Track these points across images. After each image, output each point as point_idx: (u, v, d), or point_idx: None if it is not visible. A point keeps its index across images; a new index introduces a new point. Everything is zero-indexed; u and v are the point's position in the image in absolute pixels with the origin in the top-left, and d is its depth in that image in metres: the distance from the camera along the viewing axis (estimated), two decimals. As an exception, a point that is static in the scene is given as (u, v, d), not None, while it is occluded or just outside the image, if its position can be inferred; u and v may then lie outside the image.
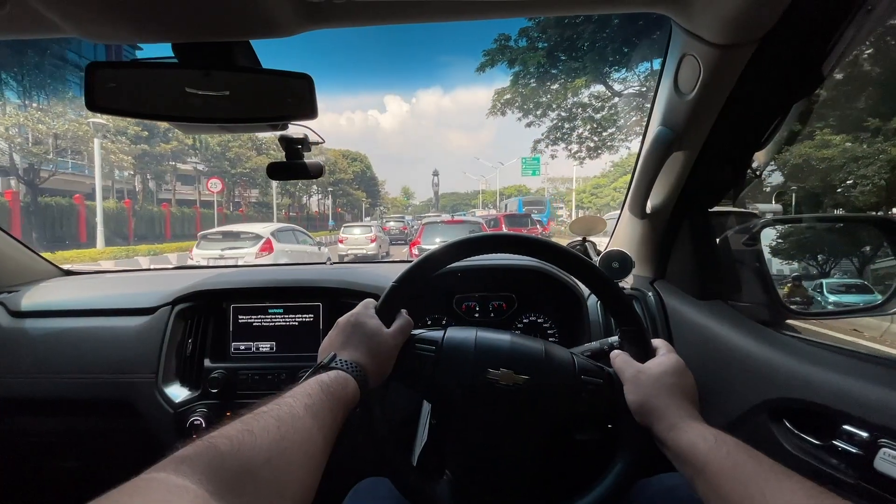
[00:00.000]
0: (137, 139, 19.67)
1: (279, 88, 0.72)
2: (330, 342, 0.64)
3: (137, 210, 19.58)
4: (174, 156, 22.99)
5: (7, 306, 1.21)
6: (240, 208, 29.59)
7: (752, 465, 0.47)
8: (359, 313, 0.65)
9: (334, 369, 0.56)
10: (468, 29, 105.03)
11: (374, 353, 0.61)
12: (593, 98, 16.88)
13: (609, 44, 13.88)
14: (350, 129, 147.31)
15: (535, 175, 38.36)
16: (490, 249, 0.73)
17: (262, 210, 29.37)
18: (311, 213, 37.23)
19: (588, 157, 18.01)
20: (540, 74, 15.78)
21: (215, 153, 24.98)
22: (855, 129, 4.72)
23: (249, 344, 1.11)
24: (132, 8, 0.62)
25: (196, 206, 24.59)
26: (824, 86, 0.74)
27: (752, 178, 0.89)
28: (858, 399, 0.60)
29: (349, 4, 0.66)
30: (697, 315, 0.93)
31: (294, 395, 0.49)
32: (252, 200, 30.82)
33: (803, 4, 0.62)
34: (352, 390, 0.55)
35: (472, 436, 0.66)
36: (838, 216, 1.59)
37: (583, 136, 17.73)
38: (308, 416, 0.47)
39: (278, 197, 30.81)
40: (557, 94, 16.80)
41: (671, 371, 0.62)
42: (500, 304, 1.19)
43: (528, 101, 17.58)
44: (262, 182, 27.14)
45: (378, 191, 56.09)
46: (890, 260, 1.40)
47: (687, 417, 0.56)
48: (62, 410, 1.16)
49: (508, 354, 0.67)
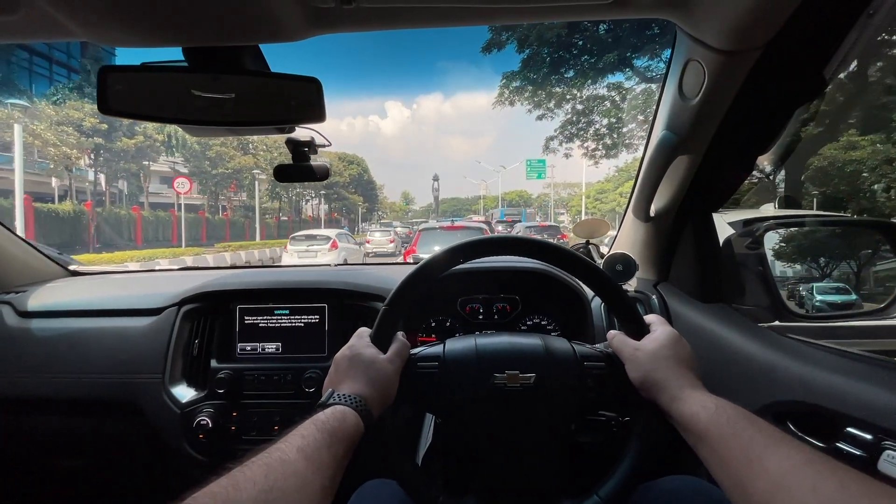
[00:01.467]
0: (93, 132, 17.20)
1: (288, 92, 0.73)
2: (329, 380, 0.64)
3: (101, 213, 17.51)
4: (141, 153, 20.29)
5: (14, 306, 1.22)
6: (224, 212, 28.05)
7: (751, 430, 0.48)
8: (353, 345, 0.65)
9: (332, 405, 0.56)
10: (470, 34, 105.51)
11: (373, 382, 0.61)
12: (613, 88, 14.89)
13: (631, 31, 12.16)
14: (351, 135, 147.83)
15: (540, 178, 37.73)
16: (481, 254, 0.71)
17: (249, 214, 27.78)
18: (304, 218, 35.78)
19: (606, 156, 16.56)
20: (553, 60, 13.69)
21: (194, 152, 23.05)
22: (886, 129, 4.53)
23: (255, 345, 1.12)
24: (144, 13, 0.63)
25: (173, 210, 22.08)
26: (849, 84, 0.75)
27: (765, 181, 0.89)
28: (862, 402, 0.60)
29: (357, 10, 0.67)
30: (701, 318, 0.93)
31: (287, 438, 0.48)
32: (237, 203, 29.40)
33: (806, 11, 0.63)
34: (351, 423, 0.54)
35: (485, 444, 0.66)
36: (840, 219, 1.59)
37: (601, 132, 15.89)
38: (301, 458, 0.46)
39: (269, 200, 29.39)
40: (574, 82, 14.46)
41: (667, 344, 0.63)
42: (504, 306, 1.20)
43: (539, 90, 15.03)
44: (249, 184, 25.75)
45: (376, 195, 54.86)
46: (891, 263, 1.41)
47: (687, 387, 0.57)
48: (68, 410, 1.17)
49: (510, 356, 0.67)
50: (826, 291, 1.37)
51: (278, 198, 30.92)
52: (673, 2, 0.69)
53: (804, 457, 0.43)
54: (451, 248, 0.69)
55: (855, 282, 1.42)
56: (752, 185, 2.14)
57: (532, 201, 66.91)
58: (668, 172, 0.94)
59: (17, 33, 0.73)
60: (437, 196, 59.22)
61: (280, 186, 27.37)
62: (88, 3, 0.60)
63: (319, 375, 1.04)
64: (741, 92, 0.75)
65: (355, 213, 42.90)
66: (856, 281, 1.40)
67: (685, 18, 0.72)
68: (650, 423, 0.63)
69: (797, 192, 4.74)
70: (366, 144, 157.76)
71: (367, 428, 0.56)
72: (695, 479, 0.70)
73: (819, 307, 1.35)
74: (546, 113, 15.59)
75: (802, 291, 1.39)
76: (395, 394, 0.63)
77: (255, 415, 1.06)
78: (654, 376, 0.60)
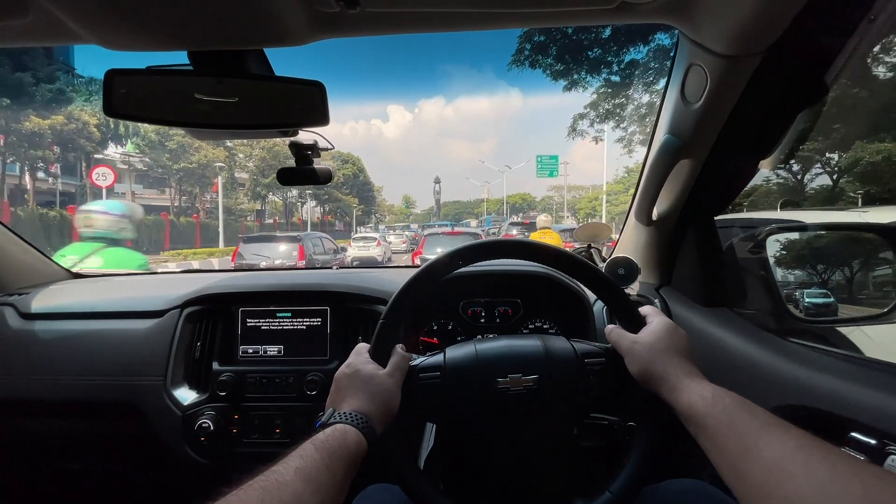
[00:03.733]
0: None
1: (292, 95, 0.73)
2: (330, 400, 0.63)
3: (21, 214, 14.58)
4: (69, 139, 15.74)
5: (17, 308, 1.22)
6: (193, 214, 24.17)
7: (748, 418, 0.48)
8: (351, 362, 0.65)
9: (333, 424, 0.56)
10: (472, 38, 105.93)
11: (374, 398, 0.60)
12: (662, 56, 11.33)
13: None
14: (353, 138, 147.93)
15: (552, 176, 34.95)
16: (477, 259, 0.71)
17: (229, 217, 23.63)
18: (294, 221, 32.68)
19: (644, 143, 13.54)
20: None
21: (150, 142, 19.04)
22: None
23: (257, 347, 1.12)
24: (151, 17, 0.63)
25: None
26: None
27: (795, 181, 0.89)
28: (866, 406, 0.60)
29: (361, 15, 0.68)
30: (703, 322, 0.93)
31: (285, 460, 0.48)
32: (211, 206, 25.32)
33: (808, 16, 0.63)
34: (353, 441, 0.54)
35: (490, 449, 0.66)
36: (843, 224, 1.59)
37: (642, 110, 12.71)
38: (299, 480, 0.45)
39: (249, 201, 26.42)
40: (611, 45, 11.38)
41: (663, 335, 0.63)
42: (506, 309, 1.19)
43: (566, 53, 11.86)
44: (227, 182, 22.47)
45: (373, 197, 51.26)
46: (892, 266, 1.41)
47: (685, 377, 0.57)
48: (70, 412, 1.17)
49: (511, 359, 0.67)
50: (813, 295, 1.48)
51: (259, 198, 28.17)
52: (675, 7, 0.69)
53: (797, 442, 0.43)
54: (450, 254, 0.69)
55: (859, 285, 1.43)
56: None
57: (536, 204, 65.85)
58: (670, 176, 0.94)
59: (26, 37, 0.74)
60: (439, 199, 59.12)
61: (261, 186, 25.65)
62: (96, 8, 0.61)
63: (321, 378, 1.04)
64: (743, 96, 0.76)
65: (351, 215, 39.89)
66: (862, 284, 1.42)
67: (687, 23, 0.73)
68: (654, 416, 0.63)
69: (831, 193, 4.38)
70: (368, 148, 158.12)
71: (370, 444, 0.56)
72: (699, 481, 0.69)
73: (807, 307, 1.43)
74: (576, 81, 12.47)
75: (797, 294, 1.48)
76: (397, 407, 0.63)
77: (256, 417, 1.06)
78: (653, 368, 0.60)
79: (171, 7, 0.60)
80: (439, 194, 59.11)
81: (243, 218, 26.93)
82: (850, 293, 1.54)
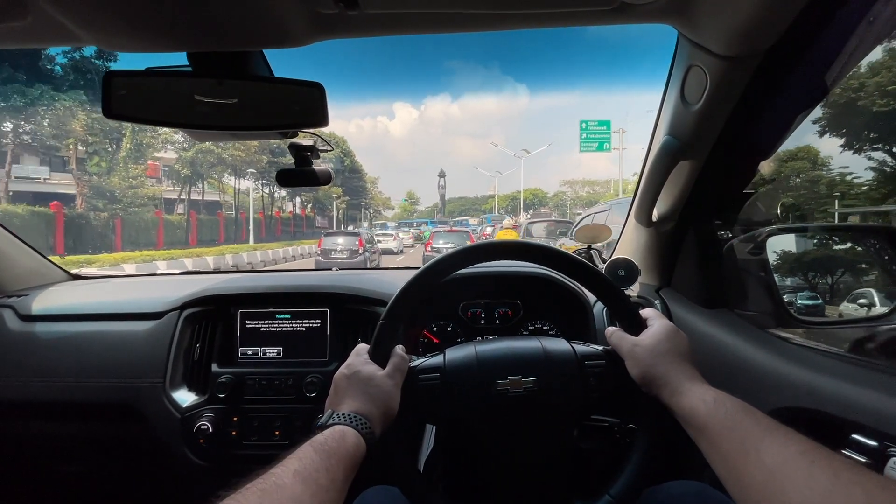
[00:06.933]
0: None
1: (291, 97, 0.73)
2: (329, 401, 0.63)
3: None
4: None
5: (17, 310, 1.22)
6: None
7: (749, 422, 0.48)
8: (351, 363, 0.65)
9: (331, 426, 0.55)
10: (477, 35, 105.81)
11: (373, 399, 0.60)
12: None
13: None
14: (359, 136, 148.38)
15: (600, 150, 26.86)
16: (476, 261, 0.70)
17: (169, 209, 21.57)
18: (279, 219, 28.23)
19: None
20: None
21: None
22: None
23: (257, 349, 1.11)
24: (151, 19, 0.63)
25: (55, 204, 15.67)
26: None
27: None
28: (867, 408, 0.60)
29: (361, 16, 0.68)
30: (704, 323, 0.93)
31: (284, 462, 0.47)
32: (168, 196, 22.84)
33: (808, 17, 0.63)
34: (351, 442, 0.53)
35: (491, 451, 0.66)
36: (844, 225, 1.59)
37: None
38: (297, 482, 0.45)
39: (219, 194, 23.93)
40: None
41: (664, 338, 0.62)
42: (505, 311, 1.19)
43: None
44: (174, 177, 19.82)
45: (363, 187, 44.49)
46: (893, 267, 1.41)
47: (686, 381, 0.57)
48: (69, 414, 1.17)
49: (511, 360, 0.67)
50: (805, 297, 1.52)
51: (186, 181, 23.61)
52: (675, 8, 0.69)
53: (798, 448, 0.43)
54: (450, 255, 0.69)
55: (859, 287, 1.43)
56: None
57: (547, 200, 63.14)
58: (670, 177, 0.94)
59: (26, 39, 0.74)
60: (444, 195, 58.51)
61: (219, 175, 23.35)
62: (95, 10, 0.61)
63: (321, 380, 1.04)
64: (743, 97, 0.75)
65: (333, 209, 34.90)
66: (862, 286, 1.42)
67: (687, 24, 0.73)
68: (654, 418, 0.62)
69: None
70: (374, 145, 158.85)
71: (369, 446, 0.55)
72: (699, 483, 0.69)
73: (800, 307, 1.45)
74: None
75: (797, 295, 1.49)
76: (397, 409, 0.63)
77: (255, 419, 1.05)
78: (654, 372, 0.60)
79: (171, 8, 0.60)
80: (444, 189, 58.40)
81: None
82: (849, 294, 1.55)
